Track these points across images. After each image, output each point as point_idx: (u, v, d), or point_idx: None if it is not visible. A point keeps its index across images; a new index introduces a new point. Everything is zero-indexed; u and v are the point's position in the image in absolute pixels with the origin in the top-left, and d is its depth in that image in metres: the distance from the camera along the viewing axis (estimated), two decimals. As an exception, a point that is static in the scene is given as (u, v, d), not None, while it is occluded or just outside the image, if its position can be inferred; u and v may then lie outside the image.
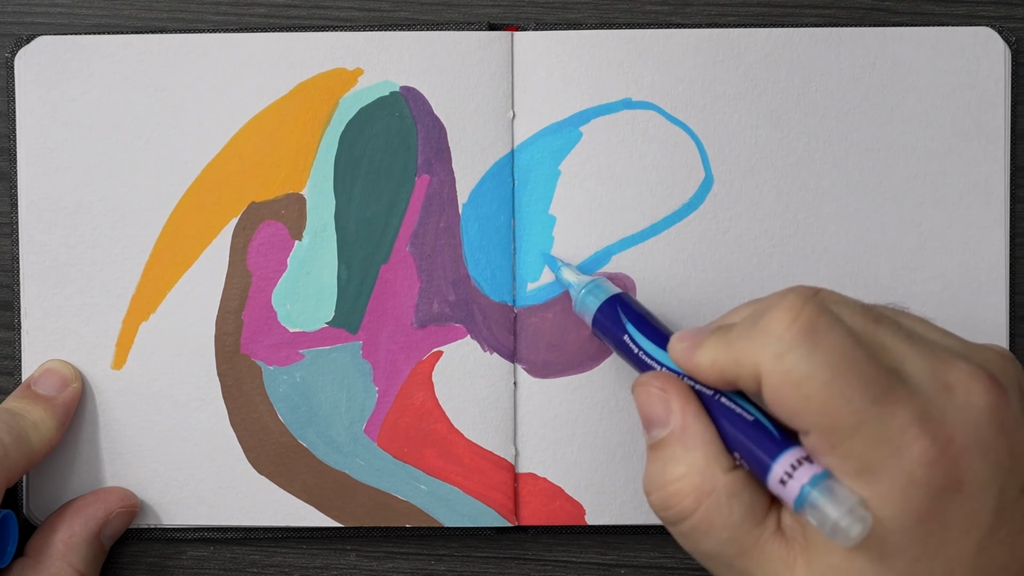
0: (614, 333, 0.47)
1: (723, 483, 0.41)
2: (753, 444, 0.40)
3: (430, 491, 0.52)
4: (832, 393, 0.38)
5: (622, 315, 0.47)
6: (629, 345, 0.46)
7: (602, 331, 0.48)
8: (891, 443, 0.37)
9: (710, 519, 0.41)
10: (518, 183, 0.52)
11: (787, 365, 0.38)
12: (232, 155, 0.52)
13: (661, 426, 0.42)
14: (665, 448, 0.42)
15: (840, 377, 0.38)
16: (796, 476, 0.39)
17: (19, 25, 0.54)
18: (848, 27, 0.53)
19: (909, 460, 0.37)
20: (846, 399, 0.37)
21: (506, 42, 0.52)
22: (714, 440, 0.41)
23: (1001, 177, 0.52)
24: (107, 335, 0.52)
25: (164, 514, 0.53)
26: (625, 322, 0.47)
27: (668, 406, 0.42)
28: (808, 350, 0.38)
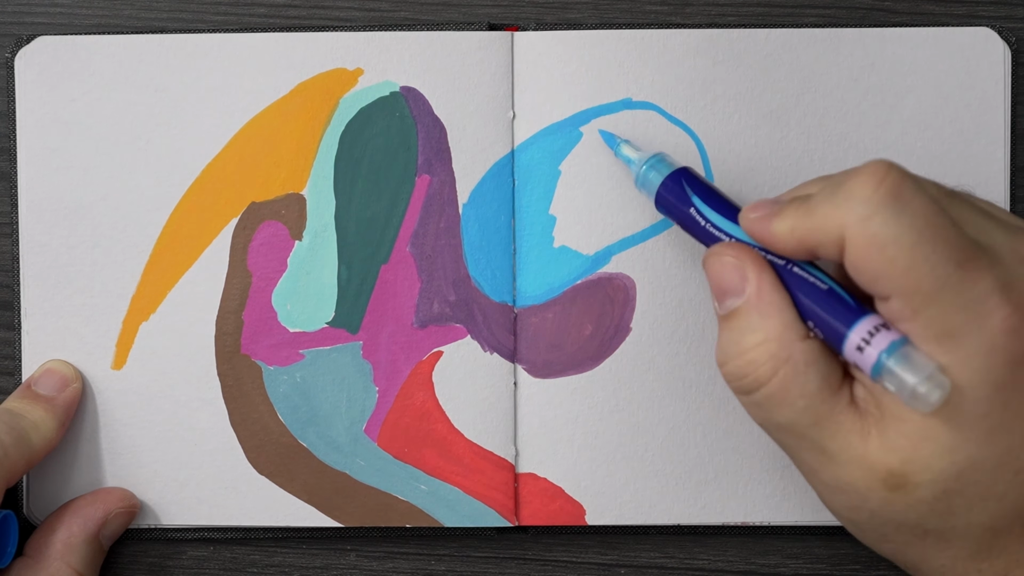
0: (679, 208, 0.46)
1: (800, 351, 0.40)
2: (829, 312, 0.40)
3: (430, 491, 0.52)
4: (917, 256, 0.38)
5: (687, 188, 0.46)
6: (696, 218, 0.46)
7: (666, 207, 0.47)
8: (973, 309, 0.37)
9: (786, 387, 0.40)
10: (518, 183, 0.52)
11: (873, 228, 0.38)
12: (232, 155, 0.52)
13: (736, 295, 0.42)
14: (740, 317, 0.42)
15: (926, 241, 0.38)
16: (874, 343, 0.39)
17: (19, 25, 0.54)
18: (848, 27, 0.53)
19: (991, 327, 0.37)
20: (931, 263, 0.37)
21: (506, 42, 0.52)
22: (790, 308, 0.41)
23: (1001, 177, 0.52)
24: (107, 335, 0.52)
25: (164, 514, 0.53)
26: (691, 195, 0.46)
27: (743, 274, 0.42)
28: (894, 213, 0.38)
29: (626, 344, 0.52)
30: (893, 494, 0.39)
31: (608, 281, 0.52)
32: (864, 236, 0.38)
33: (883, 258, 0.38)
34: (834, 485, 0.41)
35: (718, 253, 0.43)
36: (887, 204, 0.38)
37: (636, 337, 0.52)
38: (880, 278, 0.38)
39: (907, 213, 0.38)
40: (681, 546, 0.54)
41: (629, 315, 0.52)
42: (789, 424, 0.41)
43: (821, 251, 0.40)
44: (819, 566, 0.54)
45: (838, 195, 0.39)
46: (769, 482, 0.52)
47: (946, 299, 0.37)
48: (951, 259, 0.38)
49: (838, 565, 0.54)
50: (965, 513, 0.39)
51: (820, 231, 0.40)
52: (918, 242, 0.38)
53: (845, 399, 0.40)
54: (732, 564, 0.54)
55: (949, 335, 0.38)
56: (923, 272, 0.38)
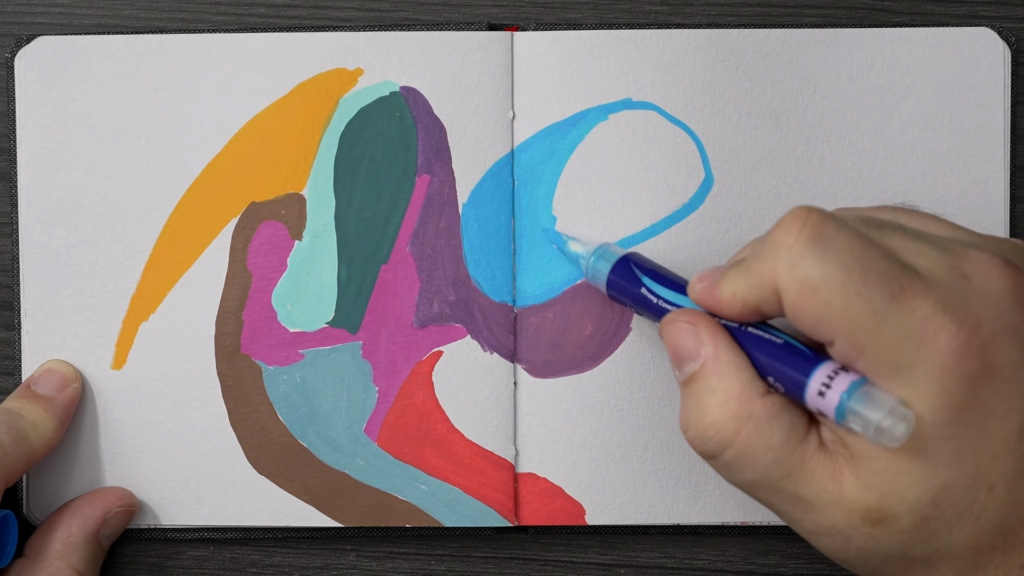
0: (631, 290, 0.47)
1: (760, 406, 0.41)
2: (787, 364, 0.40)
3: (430, 491, 0.52)
4: (850, 293, 0.38)
5: (636, 271, 0.47)
6: (648, 297, 0.46)
7: (618, 292, 0.48)
8: (917, 336, 0.37)
9: (751, 444, 0.40)
10: (518, 183, 0.52)
11: (802, 273, 0.38)
12: (232, 155, 0.52)
13: (693, 360, 0.42)
14: (699, 381, 0.42)
15: (856, 276, 0.38)
16: (833, 386, 0.39)
17: (19, 25, 0.54)
18: (847, 28, 0.53)
19: (938, 351, 0.37)
20: (865, 299, 0.37)
21: (506, 42, 0.52)
22: (747, 367, 0.41)
23: (1001, 177, 0.53)
24: (107, 335, 0.52)
25: (164, 514, 0.53)
26: (641, 276, 0.47)
27: (698, 338, 0.42)
28: (820, 254, 0.38)
29: (626, 344, 0.52)
30: (875, 529, 0.39)
31: (608, 281, 0.52)
32: (794, 283, 0.39)
33: (818, 301, 0.38)
34: (818, 531, 0.41)
35: (672, 320, 0.44)
36: (810, 247, 0.38)
37: (636, 337, 0.52)
38: (820, 322, 0.38)
39: (832, 251, 0.38)
40: (681, 546, 0.54)
41: (629, 315, 0.52)
42: (761, 480, 0.41)
43: (765, 308, 0.41)
44: (819, 566, 0.54)
45: (765, 249, 0.40)
46: (769, 482, 0.52)
47: (888, 332, 0.37)
48: (885, 291, 0.38)
49: (838, 565, 0.54)
50: (946, 536, 0.39)
51: (756, 288, 0.40)
52: (848, 279, 0.38)
53: (813, 445, 0.40)
54: (732, 564, 0.54)
55: (900, 368, 0.38)
56: (859, 308, 0.38)
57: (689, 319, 0.43)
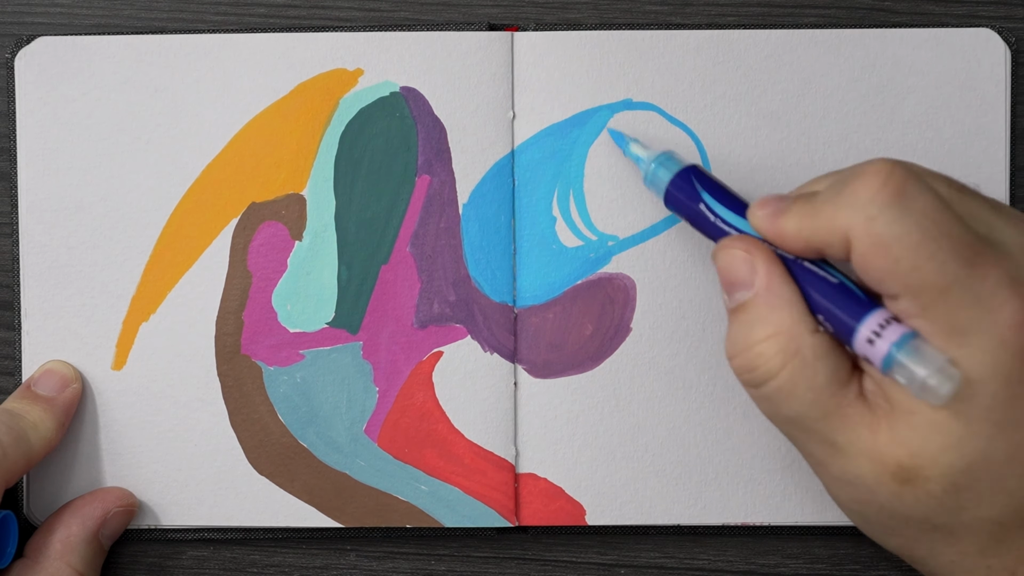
0: (689, 204, 0.46)
1: (809, 344, 0.40)
2: (839, 306, 0.40)
3: (430, 491, 0.52)
4: (923, 255, 0.38)
5: (697, 185, 0.46)
6: (705, 214, 0.46)
7: (675, 204, 0.47)
8: (982, 305, 0.37)
9: (795, 380, 0.40)
10: (518, 183, 0.52)
11: (878, 228, 0.38)
12: (232, 155, 0.52)
13: (745, 288, 0.42)
14: (749, 310, 0.42)
15: (931, 239, 0.38)
16: (884, 336, 0.39)
17: (19, 25, 0.54)
18: (848, 28, 0.53)
19: (1000, 322, 0.37)
20: (937, 261, 0.38)
21: (506, 42, 0.52)
22: (799, 301, 0.41)
23: (1002, 177, 0.53)
24: (107, 336, 0.52)
25: (164, 515, 0.53)
26: (701, 191, 0.46)
27: (753, 267, 0.42)
28: (899, 212, 0.38)
29: (626, 344, 0.52)
30: (902, 488, 0.39)
31: (608, 281, 0.52)
32: (869, 237, 0.39)
33: (889, 258, 0.38)
34: (842, 478, 0.41)
35: (728, 246, 0.43)
36: (891, 204, 0.38)
37: (636, 337, 0.52)
38: (887, 278, 0.38)
39: (911, 212, 0.38)
40: (681, 546, 0.54)
41: (629, 315, 0.52)
42: (797, 417, 0.41)
43: (828, 251, 0.41)
44: (819, 566, 0.54)
45: (842, 196, 0.40)
46: (769, 482, 0.52)
47: (954, 296, 0.38)
48: (958, 256, 0.38)
49: (838, 565, 0.54)
50: (974, 508, 0.39)
51: (825, 232, 0.40)
52: (923, 241, 0.38)
53: (854, 392, 0.40)
54: (732, 564, 0.54)
55: (958, 331, 0.38)
56: (929, 270, 0.38)
57: (745, 247, 0.43)
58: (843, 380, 0.40)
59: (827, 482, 0.42)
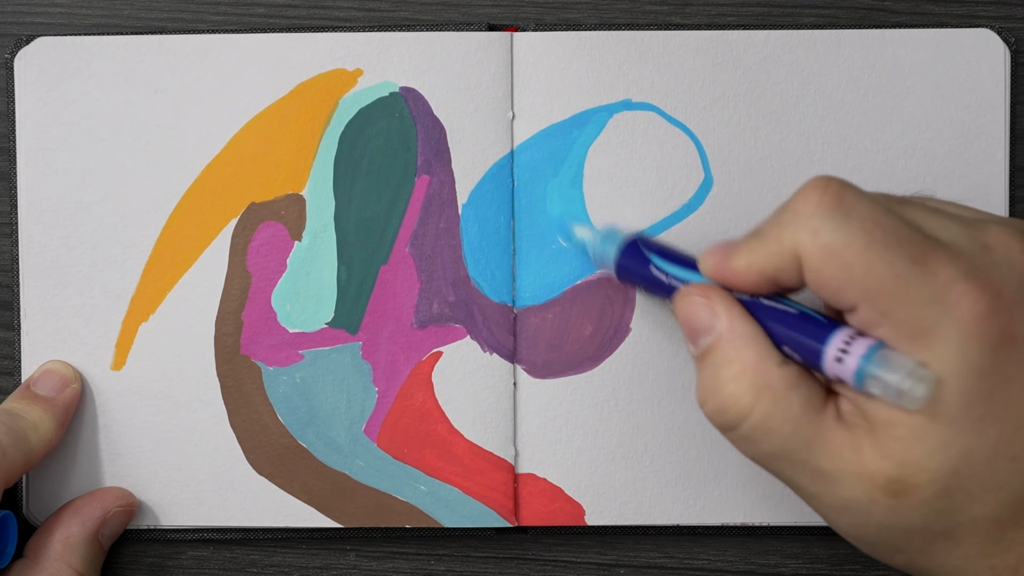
0: (640, 270, 0.47)
1: (778, 376, 0.40)
2: (803, 332, 0.40)
3: (430, 492, 0.52)
4: (872, 257, 0.38)
5: (644, 250, 0.47)
6: (658, 276, 0.46)
7: (628, 274, 0.48)
8: (940, 301, 0.37)
9: (770, 414, 0.40)
10: (518, 184, 0.52)
11: (824, 238, 0.38)
12: (232, 156, 0.52)
13: (707, 333, 0.42)
14: (715, 353, 0.42)
15: (877, 241, 0.38)
16: (851, 351, 0.39)
17: (19, 25, 0.54)
18: (847, 29, 0.53)
19: (960, 315, 0.37)
20: (887, 262, 0.38)
21: (506, 43, 0.52)
22: (763, 337, 0.41)
23: (1001, 178, 0.52)
24: (107, 336, 0.52)
25: (163, 515, 0.53)
26: (649, 255, 0.46)
27: (712, 310, 0.42)
28: (842, 219, 0.38)
29: (626, 344, 0.52)
30: (895, 501, 0.39)
31: (608, 281, 0.52)
32: (817, 248, 0.39)
33: (840, 266, 0.38)
34: (837, 505, 0.40)
35: (685, 295, 0.43)
36: (832, 213, 0.39)
37: (636, 337, 0.52)
38: (842, 288, 0.39)
39: (854, 217, 0.38)
40: (681, 546, 0.54)
41: (629, 315, 0.52)
42: (780, 452, 0.41)
43: (782, 277, 0.41)
44: (819, 566, 0.54)
45: (784, 216, 0.40)
46: (769, 482, 0.52)
47: (911, 295, 0.38)
48: (906, 255, 0.38)
49: (838, 565, 0.54)
50: (968, 508, 0.39)
51: (775, 257, 0.40)
52: (870, 243, 0.38)
53: (831, 416, 0.40)
54: (732, 564, 0.54)
55: (921, 332, 0.38)
56: (881, 272, 0.38)
57: (702, 292, 0.43)
58: (818, 406, 0.40)
59: (824, 513, 0.42)
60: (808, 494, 0.42)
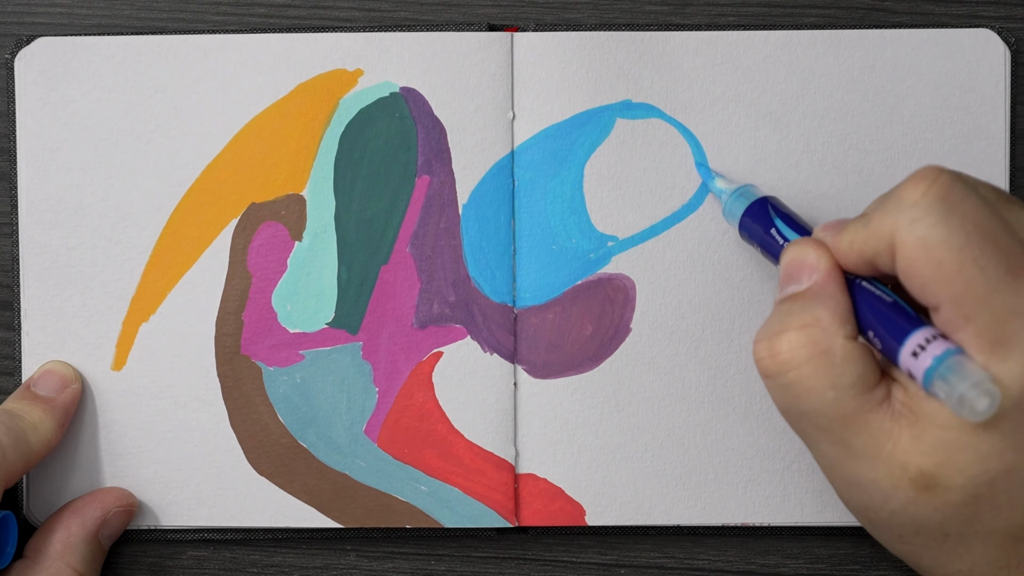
0: (761, 230, 0.47)
1: (840, 345, 0.40)
2: (888, 320, 0.40)
3: (430, 492, 0.52)
4: (966, 259, 0.37)
5: (771, 212, 0.47)
6: (776, 238, 0.46)
7: (749, 231, 0.48)
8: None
9: (817, 374, 0.40)
10: (518, 184, 0.52)
11: (921, 230, 0.38)
12: (232, 156, 0.52)
13: (799, 281, 0.42)
14: (795, 300, 0.42)
15: (975, 244, 0.37)
16: (928, 349, 0.38)
17: (19, 25, 0.54)
18: (847, 29, 0.53)
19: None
20: (980, 266, 0.37)
21: (506, 43, 0.52)
22: (847, 308, 0.41)
23: (1002, 178, 0.52)
24: (107, 336, 0.52)
25: (164, 515, 0.53)
26: (773, 217, 0.47)
27: (816, 265, 0.42)
28: (943, 215, 0.38)
29: (626, 345, 0.52)
30: (921, 495, 0.39)
31: (608, 282, 0.52)
32: (912, 239, 0.38)
33: (931, 261, 0.38)
34: (854, 482, 0.40)
35: (799, 244, 0.43)
36: (935, 207, 0.38)
37: (636, 338, 0.52)
38: (930, 283, 0.38)
39: (956, 215, 0.38)
40: (681, 546, 0.54)
41: (629, 316, 0.52)
42: (814, 413, 0.40)
43: (879, 261, 0.40)
44: (819, 566, 0.54)
45: (888, 201, 0.40)
46: (769, 483, 0.52)
47: (997, 304, 0.37)
48: (1001, 264, 0.37)
49: (838, 565, 0.54)
50: (991, 519, 0.39)
51: (874, 239, 0.40)
52: (967, 245, 0.37)
53: (877, 399, 0.40)
54: (732, 564, 0.54)
55: (1000, 342, 0.37)
56: (972, 275, 0.37)
57: (816, 247, 0.43)
58: (868, 386, 0.40)
59: (837, 484, 0.42)
60: (827, 461, 0.41)
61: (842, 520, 0.52)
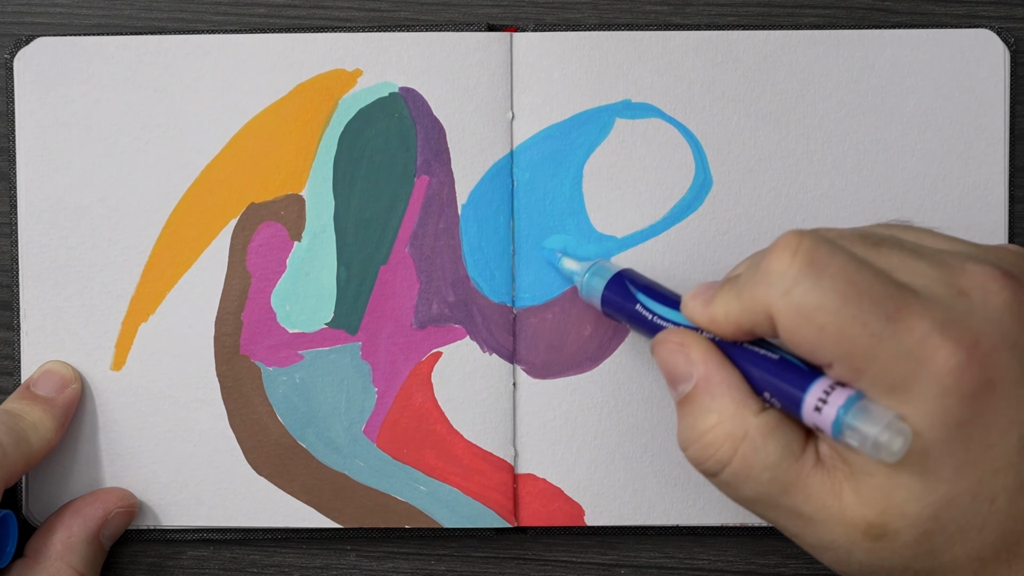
0: (626, 306, 0.47)
1: (755, 425, 0.40)
2: (783, 380, 0.40)
3: (429, 492, 0.52)
4: (845, 318, 0.37)
5: (630, 287, 0.47)
6: (643, 314, 0.46)
7: (613, 308, 0.48)
8: (914, 357, 0.37)
9: (748, 462, 0.40)
10: (517, 184, 0.52)
11: (796, 300, 0.38)
12: (231, 156, 0.52)
13: (685, 380, 0.42)
14: (693, 401, 0.42)
15: (851, 301, 0.37)
16: (830, 401, 0.38)
17: (19, 25, 0.54)
18: (847, 29, 0.53)
19: (936, 369, 0.37)
20: (860, 322, 0.37)
21: (505, 43, 0.52)
22: (740, 385, 0.41)
23: (1001, 178, 0.52)
24: (106, 336, 0.52)
25: (163, 515, 0.53)
26: (635, 292, 0.47)
27: (689, 359, 0.42)
28: (814, 281, 0.38)
29: (625, 345, 0.52)
30: (876, 544, 0.39)
31: (607, 282, 0.52)
32: (789, 310, 0.38)
33: (813, 327, 0.38)
34: (819, 545, 0.41)
35: (663, 341, 0.44)
36: (804, 274, 0.38)
37: (635, 338, 0.52)
38: (816, 347, 0.38)
39: (826, 277, 0.38)
40: (681, 546, 0.54)
41: (628, 316, 0.52)
42: (760, 497, 0.41)
43: (758, 330, 0.41)
44: (819, 566, 0.54)
45: (758, 274, 0.40)
46: (768, 483, 0.52)
47: (885, 353, 0.37)
48: (880, 313, 0.37)
49: (838, 565, 0.54)
50: (949, 549, 0.39)
51: (750, 313, 0.40)
52: (843, 304, 0.37)
53: (811, 461, 0.40)
54: (732, 564, 0.54)
55: (898, 387, 0.37)
56: (855, 333, 0.37)
57: (679, 339, 0.43)
58: (797, 452, 0.40)
59: (807, 550, 0.42)
60: (790, 533, 0.42)
61: (842, 520, 0.53)
